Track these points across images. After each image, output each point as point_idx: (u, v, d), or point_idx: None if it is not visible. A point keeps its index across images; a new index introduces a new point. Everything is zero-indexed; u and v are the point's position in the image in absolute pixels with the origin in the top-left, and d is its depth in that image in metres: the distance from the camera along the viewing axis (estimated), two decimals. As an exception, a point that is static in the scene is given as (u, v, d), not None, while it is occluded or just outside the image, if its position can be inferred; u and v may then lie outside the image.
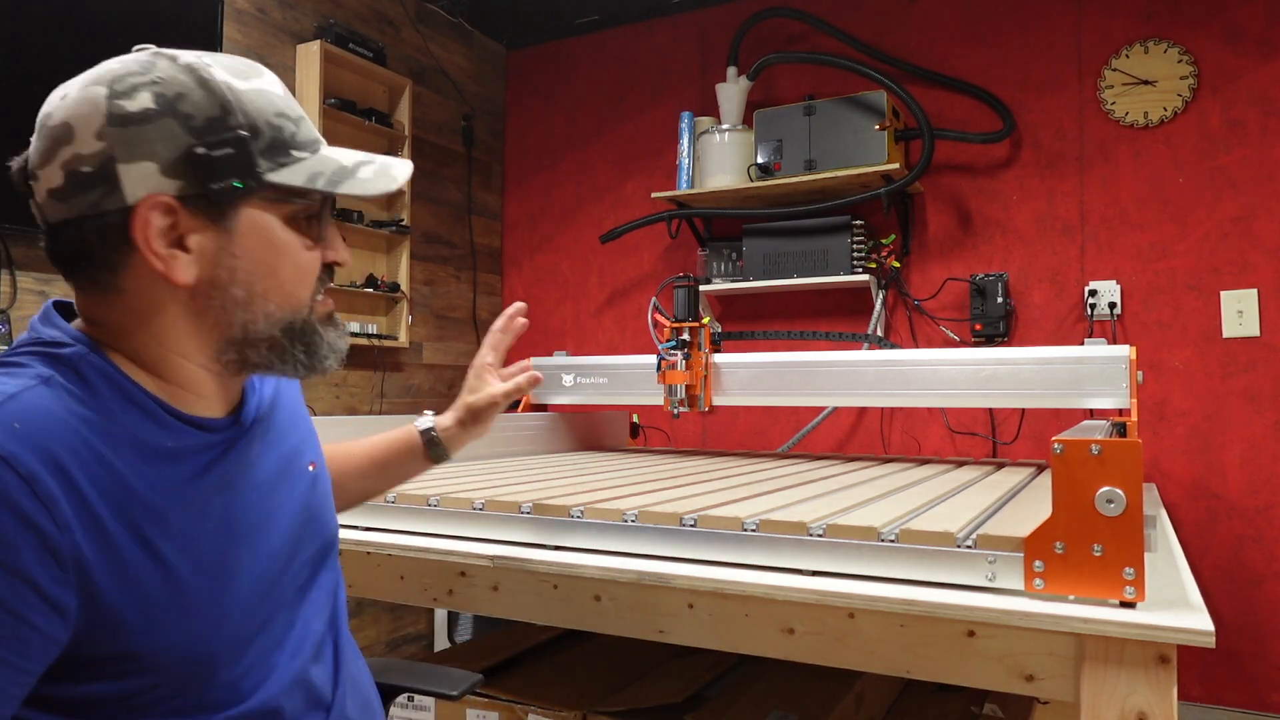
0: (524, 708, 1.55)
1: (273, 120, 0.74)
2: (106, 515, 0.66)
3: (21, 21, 2.09)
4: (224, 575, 0.74)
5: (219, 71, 0.73)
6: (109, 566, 0.66)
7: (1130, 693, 0.84)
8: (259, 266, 0.74)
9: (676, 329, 2.16)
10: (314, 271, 0.79)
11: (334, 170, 0.76)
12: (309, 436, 0.95)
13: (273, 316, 0.76)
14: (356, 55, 2.94)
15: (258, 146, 0.73)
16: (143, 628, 0.68)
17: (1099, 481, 0.87)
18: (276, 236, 0.75)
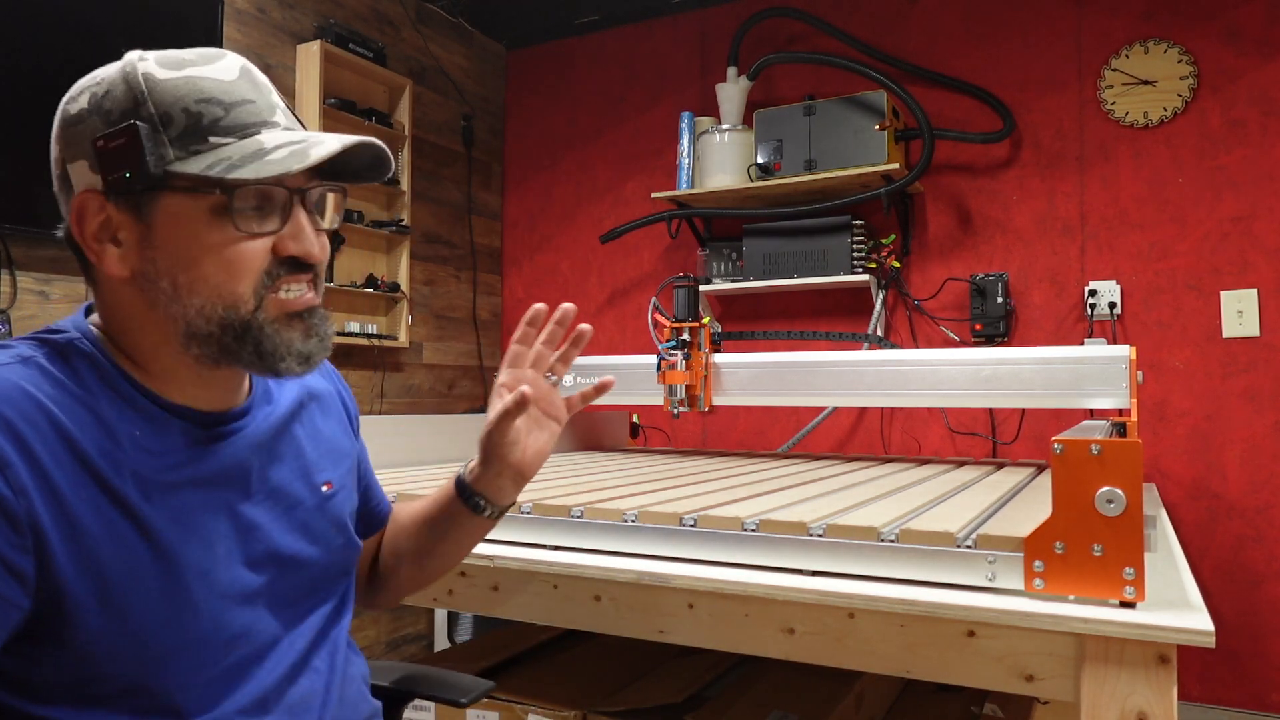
0: (524, 708, 1.55)
1: (191, 107, 0.71)
2: (65, 487, 0.67)
3: (22, 21, 2.09)
4: (186, 570, 0.72)
5: (148, 64, 0.73)
6: (66, 537, 0.67)
7: (1130, 693, 0.84)
8: (178, 259, 0.72)
9: (676, 329, 2.16)
10: (253, 265, 0.73)
11: (244, 156, 0.71)
12: (337, 456, 0.93)
13: (205, 312, 0.73)
14: (356, 55, 2.94)
15: (169, 135, 0.71)
16: (97, 608, 0.67)
17: (1099, 481, 0.87)
18: (196, 228, 0.72)
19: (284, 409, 0.87)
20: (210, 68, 0.74)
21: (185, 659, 0.72)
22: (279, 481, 0.84)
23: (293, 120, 0.78)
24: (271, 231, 0.74)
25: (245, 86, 0.74)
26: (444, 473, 1.66)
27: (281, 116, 0.76)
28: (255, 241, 0.73)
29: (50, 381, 0.70)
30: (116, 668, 0.69)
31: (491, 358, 3.72)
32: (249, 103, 0.74)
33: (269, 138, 0.73)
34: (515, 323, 3.96)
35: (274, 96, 0.77)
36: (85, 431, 0.70)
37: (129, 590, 0.69)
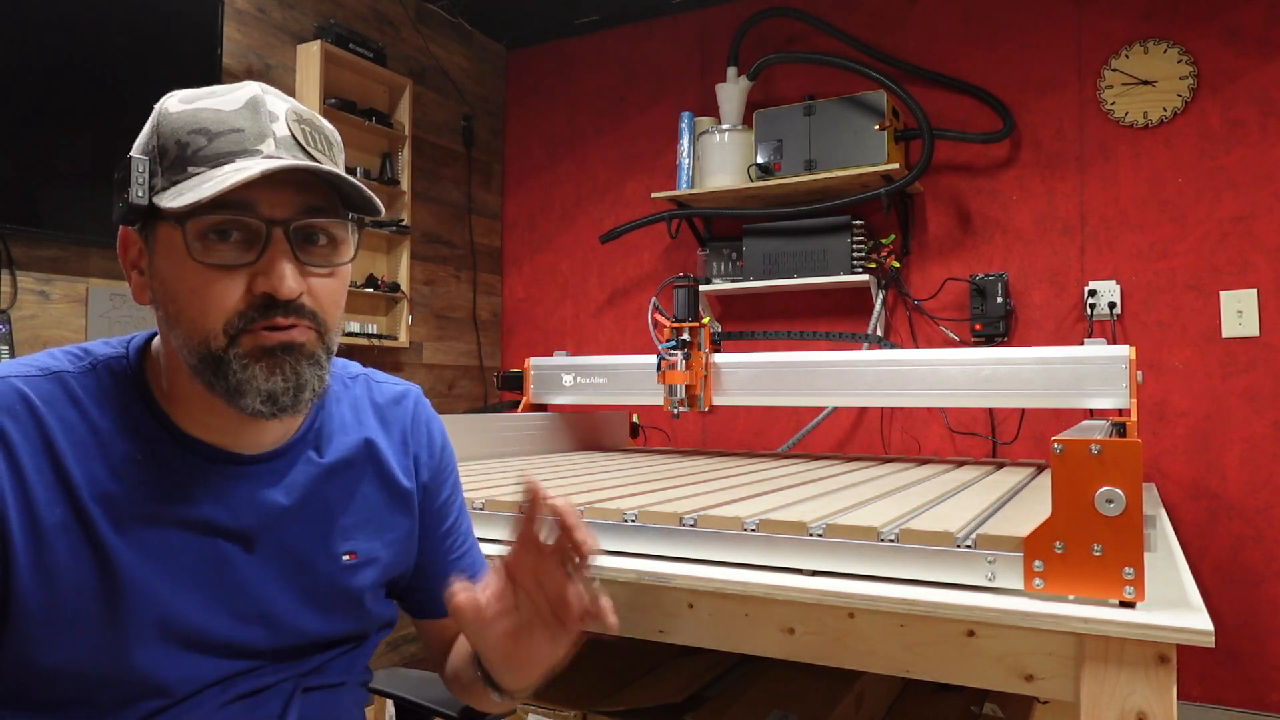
0: (524, 707, 1.55)
1: (183, 138, 0.71)
2: (40, 500, 0.69)
3: (22, 22, 2.09)
4: (136, 605, 0.72)
5: (173, 99, 0.74)
6: (30, 547, 0.69)
7: (1130, 693, 0.84)
8: (166, 289, 0.73)
9: (676, 329, 2.16)
10: (223, 301, 0.70)
11: (190, 187, 0.69)
12: (378, 526, 0.87)
13: (186, 344, 0.72)
14: (356, 55, 2.94)
15: (162, 166, 0.71)
16: (43, 620, 0.69)
17: (1099, 481, 0.87)
18: (178, 259, 0.71)
19: (327, 464, 0.83)
20: (220, 99, 0.73)
21: (119, 692, 0.72)
22: (292, 542, 0.80)
23: (294, 150, 0.72)
24: (241, 265, 0.71)
25: (242, 116, 0.72)
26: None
27: (272, 145, 0.71)
28: (226, 276, 0.70)
29: (67, 398, 0.73)
30: (53, 680, 0.70)
31: (491, 358, 3.72)
32: (236, 132, 0.71)
33: (236, 165, 0.69)
34: (515, 323, 3.95)
35: (275, 125, 0.72)
36: (78, 452, 0.72)
37: (74, 611, 0.70)
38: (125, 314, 2.37)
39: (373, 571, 0.87)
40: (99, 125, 2.24)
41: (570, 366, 2.38)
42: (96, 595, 0.71)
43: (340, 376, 0.91)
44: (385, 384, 0.95)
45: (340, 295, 0.77)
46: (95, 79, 2.25)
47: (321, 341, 0.75)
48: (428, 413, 0.97)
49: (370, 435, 0.88)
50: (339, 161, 0.77)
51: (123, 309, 2.36)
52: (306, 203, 0.73)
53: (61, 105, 2.18)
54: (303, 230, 0.73)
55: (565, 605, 0.74)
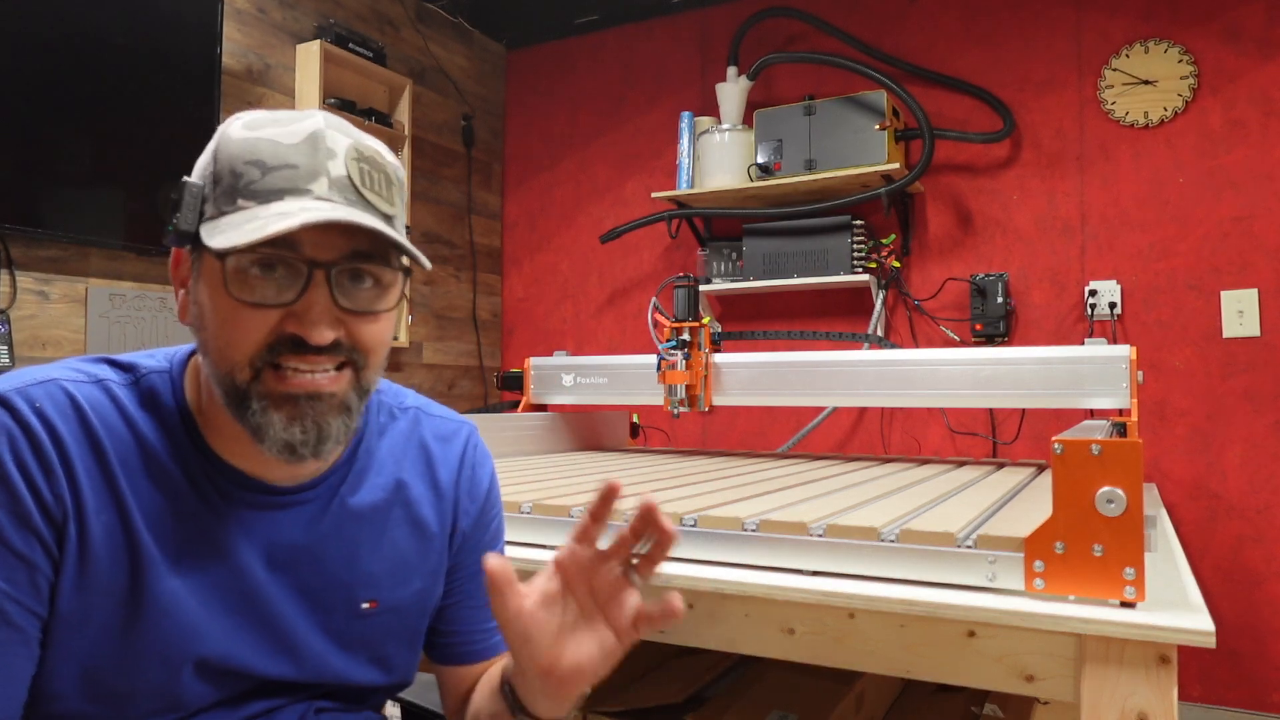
0: (524, 708, 1.55)
1: (238, 167, 0.69)
2: (92, 506, 0.70)
3: (23, 22, 2.09)
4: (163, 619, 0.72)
5: (238, 123, 0.72)
6: (77, 551, 0.69)
7: (1130, 693, 0.84)
8: (202, 316, 0.72)
9: (676, 329, 2.16)
10: (250, 335, 0.69)
11: (236, 223, 0.67)
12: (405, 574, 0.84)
13: (215, 372, 0.71)
14: (356, 55, 2.94)
15: (215, 193, 0.70)
16: (71, 628, 0.69)
17: (1099, 481, 0.87)
18: (213, 288, 0.70)
19: (355, 506, 0.81)
20: (282, 129, 0.70)
21: (131, 705, 0.72)
22: (313, 582, 0.79)
23: (348, 191, 0.69)
24: (281, 304, 0.69)
25: (301, 151, 0.69)
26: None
27: (325, 185, 0.69)
28: (257, 311, 0.69)
29: (113, 408, 0.73)
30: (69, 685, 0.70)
31: (491, 358, 3.72)
32: (290, 168, 0.68)
33: (286, 205, 0.67)
34: (515, 323, 3.95)
35: (332, 163, 0.69)
36: (123, 462, 0.72)
37: (101, 619, 0.70)
38: (125, 314, 2.37)
39: (394, 620, 0.84)
40: (99, 125, 2.24)
41: (570, 366, 2.38)
42: (124, 605, 0.71)
43: (390, 407, 0.89)
44: (437, 419, 0.92)
45: (384, 337, 0.75)
46: (95, 79, 2.24)
47: (357, 383, 0.73)
48: (477, 455, 0.93)
49: (404, 476, 0.86)
50: (397, 200, 0.74)
51: (123, 309, 2.36)
52: (354, 246, 0.70)
53: (61, 105, 2.18)
54: (347, 273, 0.71)
55: (619, 609, 0.71)
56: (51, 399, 0.70)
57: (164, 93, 2.39)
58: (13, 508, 0.66)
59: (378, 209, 0.71)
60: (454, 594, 0.91)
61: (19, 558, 0.66)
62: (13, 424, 0.67)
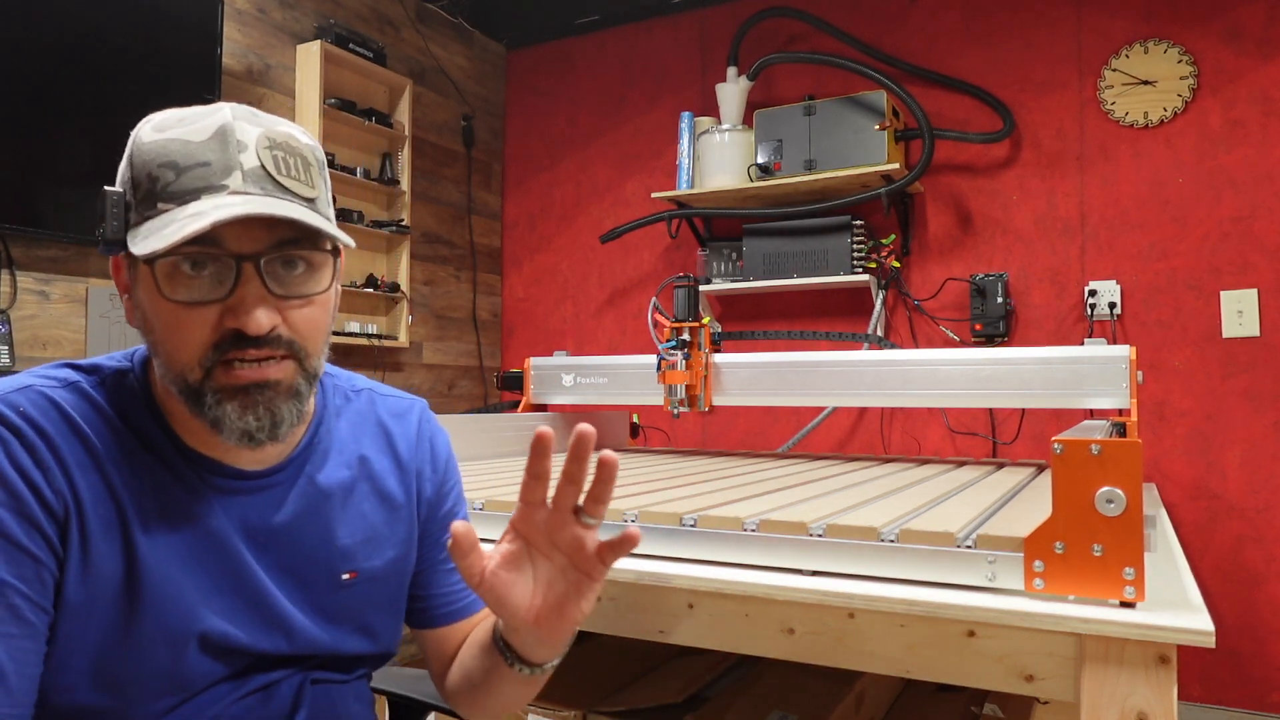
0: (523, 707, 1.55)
1: (154, 171, 0.70)
2: (88, 499, 0.72)
3: (22, 22, 2.09)
4: (162, 606, 0.74)
5: (148, 126, 0.73)
6: (79, 541, 0.71)
7: (1130, 693, 0.84)
8: (145, 320, 0.74)
9: (676, 329, 2.16)
10: (194, 335, 0.70)
11: (157, 227, 0.68)
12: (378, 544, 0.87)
13: (168, 373, 0.73)
14: (356, 55, 2.94)
15: (134, 199, 0.72)
16: (76, 617, 0.71)
17: (1099, 481, 0.87)
18: (149, 292, 0.72)
19: (323, 484, 0.84)
20: (190, 128, 0.71)
21: (137, 688, 0.74)
22: (294, 560, 0.81)
23: (263, 182, 0.71)
24: (215, 300, 0.70)
25: (210, 147, 0.70)
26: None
27: (239, 178, 0.70)
28: (195, 310, 0.70)
29: (90, 407, 0.75)
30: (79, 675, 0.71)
31: (491, 358, 3.72)
32: (203, 165, 0.70)
33: (202, 205, 0.68)
34: (515, 323, 3.94)
35: (244, 155, 0.70)
36: (109, 456, 0.74)
37: (103, 608, 0.72)
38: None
39: (373, 590, 0.87)
40: (99, 125, 2.24)
41: (570, 366, 2.38)
42: (124, 592, 0.73)
43: (344, 390, 0.91)
44: (390, 398, 0.96)
45: (322, 321, 0.76)
46: (95, 79, 2.25)
47: (302, 371, 0.75)
48: (432, 427, 0.97)
49: (366, 453, 0.89)
50: (318, 181, 0.76)
51: (122, 309, 2.36)
52: (278, 235, 0.71)
53: (61, 105, 2.18)
54: (277, 261, 0.72)
55: (583, 552, 0.72)
56: (34, 403, 0.72)
57: (164, 93, 2.39)
58: (16, 506, 0.68)
59: (297, 194, 0.73)
60: (425, 559, 0.94)
61: (26, 554, 0.67)
62: (3, 429, 0.69)
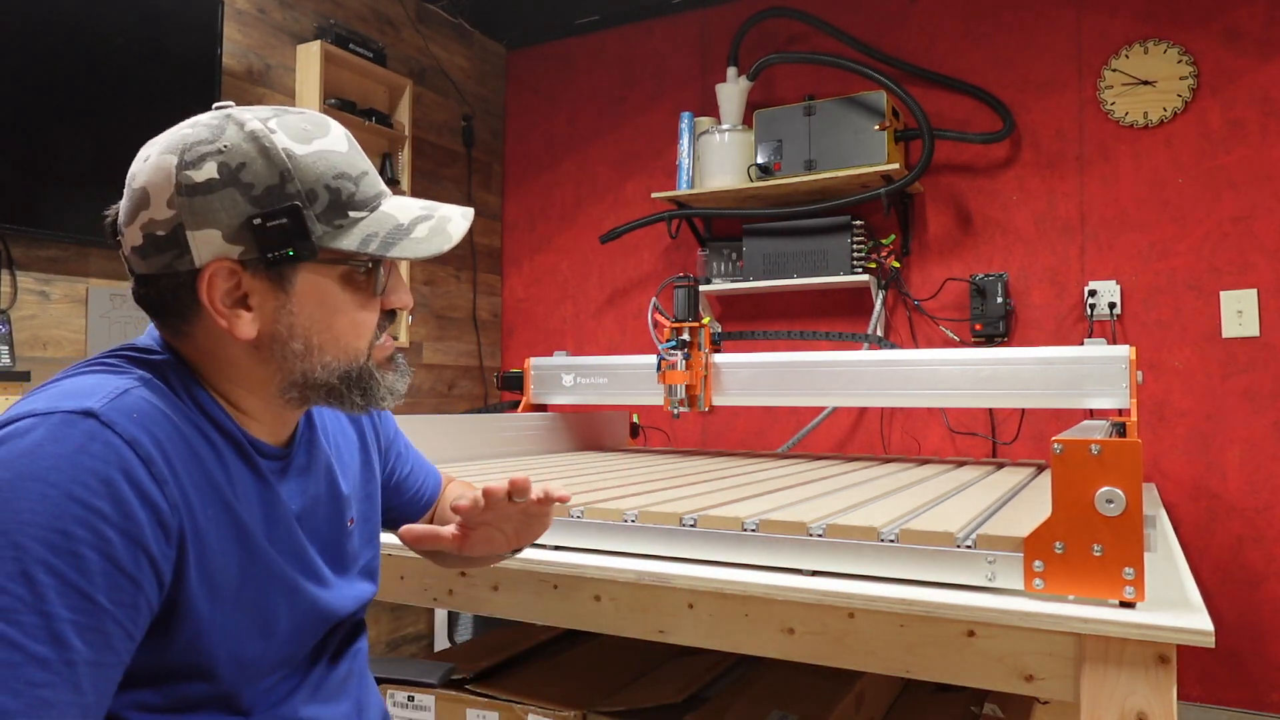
0: (524, 708, 1.55)
1: (330, 183, 0.75)
2: (197, 502, 0.72)
3: (22, 21, 2.09)
4: (275, 584, 0.79)
5: (281, 137, 0.74)
6: (195, 549, 0.72)
7: (1130, 693, 0.84)
8: (316, 323, 0.77)
9: (676, 329, 2.16)
10: (372, 323, 0.81)
11: (388, 231, 0.77)
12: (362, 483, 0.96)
13: (330, 366, 0.78)
14: (356, 55, 2.94)
15: (314, 211, 0.74)
16: (208, 614, 0.73)
17: (1099, 481, 0.87)
18: (333, 296, 0.77)
19: (320, 447, 0.90)
20: (328, 139, 0.77)
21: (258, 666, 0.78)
22: (321, 525, 0.87)
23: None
24: (378, 291, 0.80)
25: (359, 157, 0.79)
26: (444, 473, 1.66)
27: (382, 181, 0.82)
28: (374, 301, 0.80)
29: (169, 401, 0.74)
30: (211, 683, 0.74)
31: (491, 358, 3.72)
32: (367, 174, 0.78)
33: (390, 208, 0.79)
34: (515, 323, 3.95)
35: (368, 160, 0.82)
36: (204, 450, 0.75)
37: (230, 598, 0.75)
38: (126, 314, 2.37)
39: (365, 528, 0.96)
40: (99, 125, 2.24)
41: (570, 366, 2.38)
42: (242, 580, 0.76)
43: None
44: None
45: None
46: (95, 79, 2.25)
47: None
48: None
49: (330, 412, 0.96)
50: None
51: (123, 309, 2.36)
52: None
53: (62, 105, 2.18)
54: None
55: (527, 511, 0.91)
56: (140, 408, 0.70)
57: (164, 93, 2.39)
58: (126, 528, 0.66)
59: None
60: (396, 473, 1.08)
61: (129, 579, 0.66)
62: (120, 442, 0.67)
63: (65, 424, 0.66)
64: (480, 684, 1.61)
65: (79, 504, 0.64)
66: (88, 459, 0.65)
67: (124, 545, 0.65)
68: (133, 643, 0.67)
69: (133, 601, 0.66)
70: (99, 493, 0.65)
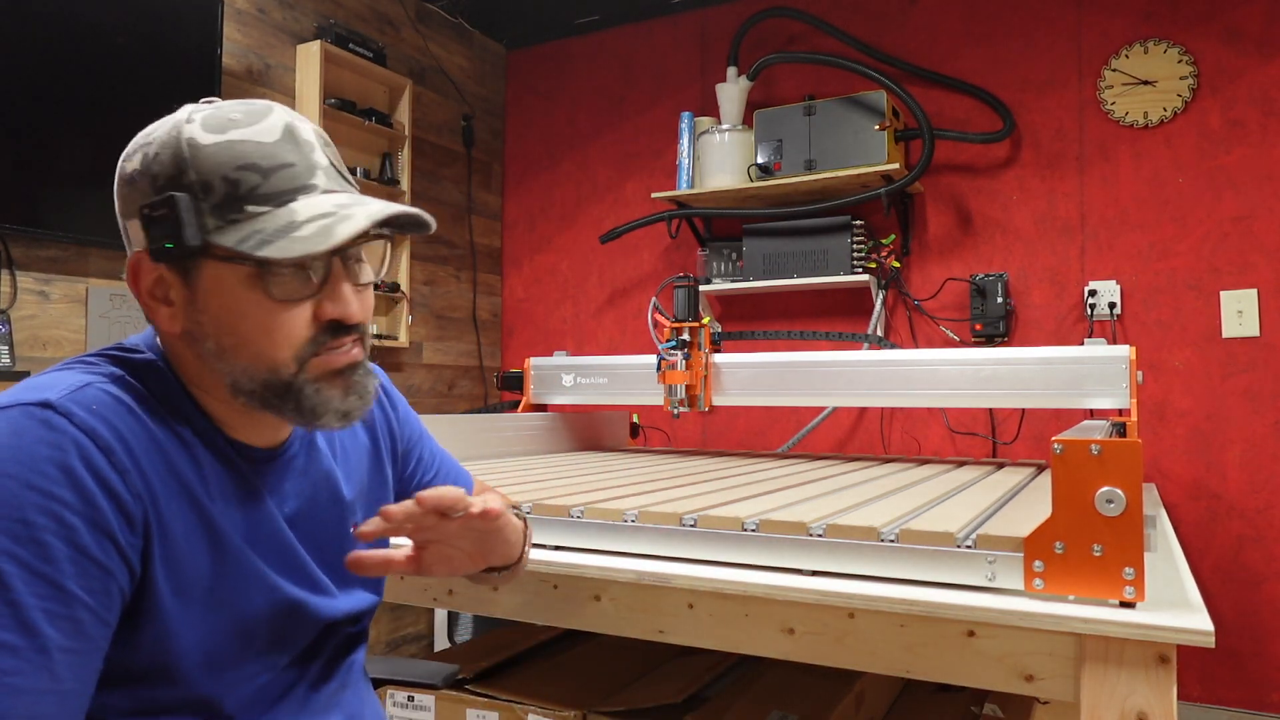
0: (524, 708, 1.55)
1: (231, 175, 0.71)
2: (162, 496, 0.71)
3: (22, 21, 2.09)
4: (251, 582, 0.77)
5: (193, 127, 0.72)
6: (161, 542, 0.71)
7: (1130, 693, 0.84)
8: (221, 324, 0.73)
9: (676, 329, 2.16)
10: (294, 333, 0.73)
11: (275, 229, 0.70)
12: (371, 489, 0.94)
13: (249, 372, 0.74)
14: (356, 55, 2.94)
15: (208, 204, 0.70)
16: (176, 612, 0.72)
17: (1099, 481, 0.87)
18: (236, 295, 0.72)
19: (321, 450, 0.88)
20: (253, 129, 0.72)
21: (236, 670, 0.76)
22: (314, 524, 0.85)
23: (335, 178, 0.75)
24: (309, 296, 0.74)
25: (286, 148, 0.73)
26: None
27: (322, 177, 0.74)
28: (294, 308, 0.73)
29: (141, 401, 0.73)
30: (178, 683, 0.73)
31: (491, 358, 3.72)
32: (287, 167, 0.72)
33: (303, 206, 0.71)
34: (515, 323, 3.95)
35: (316, 154, 0.75)
36: (172, 447, 0.74)
37: (196, 597, 0.73)
38: (125, 314, 2.37)
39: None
40: (99, 125, 2.24)
41: (570, 366, 2.38)
42: (214, 579, 0.74)
43: None
44: None
45: (372, 304, 0.81)
46: (95, 79, 2.24)
47: (365, 348, 0.80)
48: (387, 383, 1.02)
49: None
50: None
51: (123, 309, 2.36)
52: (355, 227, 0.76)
53: (61, 105, 2.18)
54: (353, 253, 0.77)
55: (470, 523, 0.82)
56: (100, 401, 0.70)
57: (164, 93, 2.39)
58: (90, 515, 0.66)
59: (352, 185, 0.78)
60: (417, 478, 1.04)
61: (96, 565, 0.66)
62: (78, 431, 0.67)
63: (23, 415, 0.66)
64: (480, 684, 1.61)
65: (38, 493, 0.63)
66: (45, 449, 0.65)
67: (90, 532, 0.65)
68: (108, 629, 0.67)
69: (104, 588, 0.66)
70: (59, 481, 0.64)
